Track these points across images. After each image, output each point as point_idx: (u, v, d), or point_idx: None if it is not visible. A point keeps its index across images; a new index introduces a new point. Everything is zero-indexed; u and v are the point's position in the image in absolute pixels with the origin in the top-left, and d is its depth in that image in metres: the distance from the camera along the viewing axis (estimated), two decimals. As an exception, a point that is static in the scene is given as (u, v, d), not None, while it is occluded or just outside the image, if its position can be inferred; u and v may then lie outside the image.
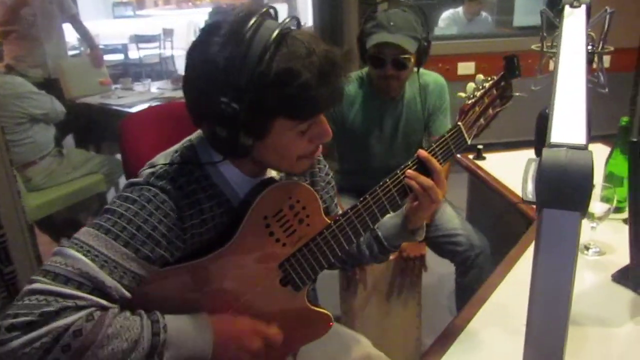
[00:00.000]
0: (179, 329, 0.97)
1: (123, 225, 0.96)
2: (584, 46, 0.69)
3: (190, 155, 1.08)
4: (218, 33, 0.95)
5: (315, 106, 0.99)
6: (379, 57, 1.93)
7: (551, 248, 0.48)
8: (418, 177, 1.15)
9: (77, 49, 6.52)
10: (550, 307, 0.49)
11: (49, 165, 3.21)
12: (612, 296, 1.32)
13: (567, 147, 0.48)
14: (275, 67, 0.92)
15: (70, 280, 0.89)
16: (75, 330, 0.86)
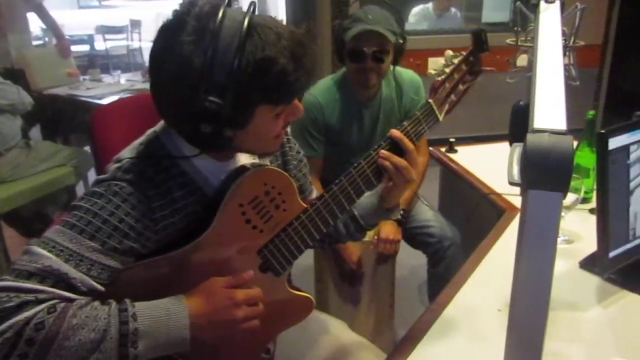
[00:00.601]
0: (152, 316, 0.95)
1: (88, 220, 0.96)
2: (559, 39, 0.72)
3: (157, 146, 1.07)
4: (185, 31, 0.94)
5: (294, 89, 1.00)
6: (359, 50, 1.95)
7: (536, 226, 0.51)
8: (391, 157, 1.17)
9: (42, 39, 6.38)
10: (535, 283, 0.52)
11: (15, 157, 3.13)
12: (580, 282, 1.38)
13: (549, 133, 0.51)
14: (252, 57, 0.93)
15: (33, 275, 0.89)
16: (37, 323, 0.86)
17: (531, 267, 0.52)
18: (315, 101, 2.11)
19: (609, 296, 1.31)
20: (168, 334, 0.96)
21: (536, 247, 0.52)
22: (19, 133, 3.20)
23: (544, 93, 0.60)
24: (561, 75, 0.63)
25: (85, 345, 0.88)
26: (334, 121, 2.13)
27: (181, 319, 0.97)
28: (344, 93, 2.13)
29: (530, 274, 0.52)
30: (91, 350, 0.89)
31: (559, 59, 0.67)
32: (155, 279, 1.05)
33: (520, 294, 0.53)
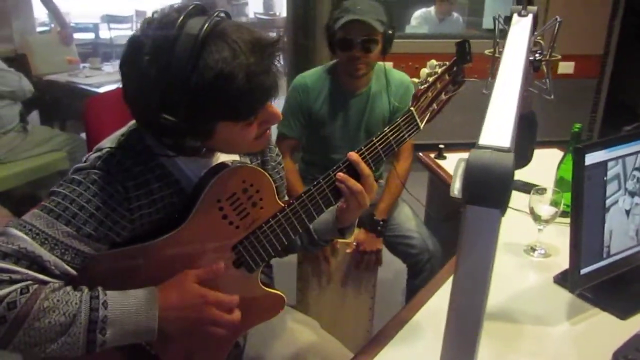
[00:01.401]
0: (122, 305, 0.97)
1: (66, 206, 0.98)
2: (524, 54, 0.73)
3: (137, 139, 1.08)
4: (144, 47, 0.95)
5: (252, 106, 1.00)
6: (347, 39, 1.98)
7: (473, 242, 0.52)
8: (347, 180, 1.16)
9: (47, 26, 6.39)
10: (469, 296, 0.53)
11: (12, 140, 3.18)
12: (552, 297, 1.38)
13: (492, 150, 0.52)
14: (204, 75, 0.92)
15: (8, 256, 0.92)
16: (9, 302, 0.89)
17: (466, 284, 0.53)
18: (303, 83, 2.17)
19: (579, 313, 1.31)
20: (136, 323, 0.98)
21: (472, 263, 0.52)
22: (17, 117, 3.25)
23: (495, 109, 0.61)
24: (517, 91, 0.64)
25: (55, 328, 0.91)
26: (318, 107, 2.16)
27: (150, 311, 0.99)
28: (333, 82, 2.16)
29: (464, 291, 0.53)
30: (60, 333, 0.92)
31: (519, 75, 0.67)
32: (128, 267, 1.07)
33: (455, 311, 0.54)
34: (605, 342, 1.18)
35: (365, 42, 1.98)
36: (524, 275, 1.50)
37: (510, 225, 1.73)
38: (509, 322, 1.29)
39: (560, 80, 4.20)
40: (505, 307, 1.34)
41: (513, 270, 1.51)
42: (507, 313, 1.31)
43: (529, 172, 1.94)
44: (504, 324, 1.28)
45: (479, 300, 0.52)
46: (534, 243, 1.59)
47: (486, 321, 1.25)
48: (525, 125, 1.06)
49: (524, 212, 1.62)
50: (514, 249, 1.60)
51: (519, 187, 1.97)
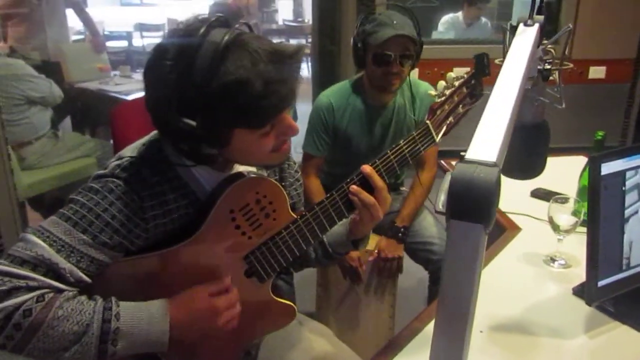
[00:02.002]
0: (134, 318, 0.99)
1: (83, 214, 1.00)
2: (524, 66, 0.72)
3: (156, 149, 1.11)
4: (167, 53, 0.98)
5: (267, 113, 1.01)
6: (387, 54, 1.95)
7: (456, 257, 0.52)
8: (360, 193, 1.16)
9: (82, 34, 6.55)
10: (454, 308, 0.53)
11: (43, 146, 3.27)
12: (570, 309, 1.35)
13: (477, 164, 0.52)
14: (222, 80, 0.94)
15: (26, 262, 0.94)
16: (25, 310, 0.91)
17: (450, 299, 0.52)
18: (327, 102, 2.14)
19: (598, 326, 1.28)
20: (147, 336, 1.00)
21: (456, 276, 0.52)
22: (49, 123, 3.34)
23: (486, 122, 0.60)
24: (512, 104, 0.63)
25: (68, 337, 0.93)
26: (344, 125, 2.15)
27: (162, 324, 1.01)
28: (358, 98, 2.15)
29: (450, 306, 0.53)
30: (72, 342, 0.94)
31: (515, 87, 0.66)
32: (141, 275, 1.09)
33: (441, 324, 0.53)
34: (624, 356, 1.16)
35: (403, 57, 1.96)
36: (542, 286, 1.47)
37: (531, 235, 1.71)
38: (525, 334, 1.26)
39: (591, 85, 4.12)
40: (522, 319, 1.31)
41: (532, 281, 1.48)
42: (523, 324, 1.29)
43: (554, 180, 1.92)
44: (520, 336, 1.26)
45: (464, 314, 0.52)
46: (554, 253, 1.55)
47: (502, 332, 1.25)
48: (537, 135, 1.05)
49: (545, 222, 1.59)
50: (533, 259, 1.57)
51: (541, 196, 1.94)
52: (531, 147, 1.04)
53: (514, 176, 1.08)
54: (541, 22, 0.89)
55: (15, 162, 2.83)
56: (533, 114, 1.03)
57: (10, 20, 3.97)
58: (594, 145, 1.72)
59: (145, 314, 1.01)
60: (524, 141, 1.04)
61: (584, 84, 4.08)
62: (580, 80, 4.06)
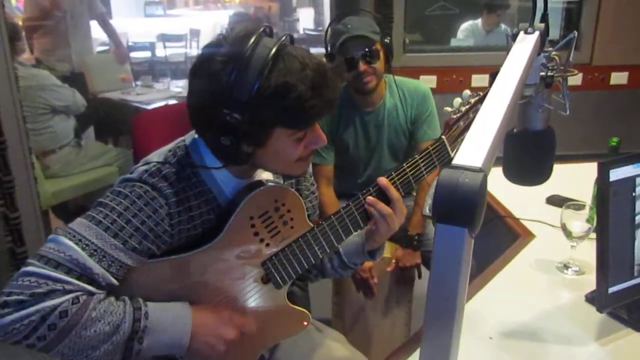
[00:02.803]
0: (160, 317, 1.04)
1: (114, 218, 1.03)
2: (519, 73, 0.73)
3: (183, 155, 1.14)
4: (220, 52, 1.03)
5: (310, 116, 1.06)
6: (349, 57, 2.00)
7: (442, 259, 0.53)
8: (377, 204, 1.20)
9: (107, 45, 6.68)
10: (441, 311, 0.54)
11: (67, 154, 3.35)
12: (583, 316, 1.34)
13: (463, 169, 0.53)
14: (273, 81, 1.00)
15: (61, 266, 0.97)
16: (62, 311, 0.94)
17: (437, 302, 0.54)
18: None
19: (610, 333, 1.27)
20: (171, 336, 1.04)
21: (441, 278, 0.53)
22: (72, 133, 3.42)
23: (478, 129, 0.61)
24: (503, 111, 0.64)
25: (99, 337, 0.97)
26: (339, 132, 2.20)
27: (185, 325, 1.06)
28: (347, 105, 2.18)
29: (436, 308, 0.54)
30: (103, 341, 0.98)
31: (509, 95, 0.67)
32: (163, 278, 1.12)
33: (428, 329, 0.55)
34: (634, 363, 1.15)
35: (366, 54, 1.99)
36: (555, 293, 1.46)
37: (546, 242, 1.70)
38: (536, 341, 1.26)
39: (613, 91, 4.06)
40: (534, 325, 1.31)
41: (544, 288, 1.48)
42: (534, 331, 1.29)
43: (571, 187, 1.91)
44: (530, 343, 1.26)
45: (451, 316, 0.53)
46: (567, 260, 1.55)
47: (512, 339, 1.25)
48: (541, 141, 1.05)
49: (560, 228, 1.58)
50: (546, 266, 1.56)
51: (556, 203, 1.93)
52: (536, 153, 1.05)
53: (519, 182, 1.09)
54: (542, 30, 0.90)
55: (39, 171, 2.91)
56: (537, 120, 1.03)
57: (35, 33, 4.08)
58: (608, 151, 1.71)
59: (170, 314, 1.06)
60: (529, 148, 1.05)
61: (605, 90, 4.03)
62: (602, 87, 4.00)
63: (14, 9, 6.66)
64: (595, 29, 3.64)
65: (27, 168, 2.62)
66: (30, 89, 3.08)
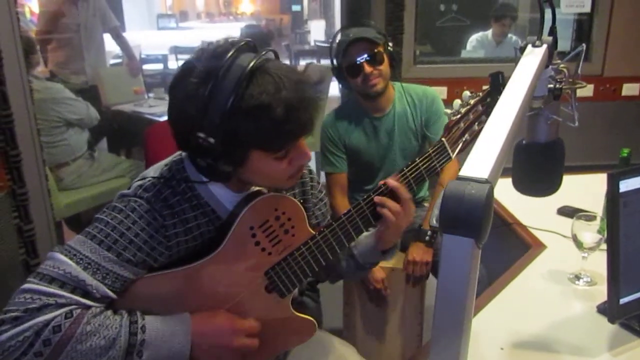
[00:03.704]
0: (158, 330, 1.04)
1: (107, 232, 1.05)
2: (527, 85, 0.74)
3: (178, 169, 1.15)
4: (194, 71, 1.02)
5: (285, 138, 1.05)
6: (353, 62, 2.03)
7: (449, 268, 0.54)
8: (386, 202, 1.20)
9: (120, 58, 6.76)
10: (448, 320, 0.54)
11: (80, 167, 3.37)
12: (594, 326, 1.33)
13: (470, 181, 0.54)
14: (246, 103, 0.99)
15: (55, 280, 0.99)
16: (55, 326, 0.95)
17: (445, 312, 0.54)
18: (329, 120, 2.24)
19: (622, 344, 1.26)
20: (170, 348, 1.04)
21: (449, 290, 0.54)
22: (85, 145, 3.45)
23: (485, 141, 0.62)
24: (510, 123, 0.65)
25: (95, 351, 0.97)
26: (350, 139, 2.22)
27: (184, 336, 1.06)
28: (357, 113, 2.21)
29: (444, 318, 0.55)
30: (99, 355, 0.97)
31: (516, 107, 0.68)
32: (163, 290, 1.12)
33: (437, 338, 0.55)
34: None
35: (370, 56, 2.01)
36: (566, 303, 1.46)
37: (557, 252, 1.69)
38: (547, 352, 1.25)
39: (625, 102, 4.04)
40: (545, 336, 1.30)
41: (555, 299, 1.47)
42: (546, 342, 1.28)
43: (582, 198, 1.91)
44: (542, 354, 1.25)
45: (458, 326, 0.53)
46: (578, 271, 1.54)
47: (523, 349, 1.25)
48: (550, 153, 1.05)
49: (570, 239, 1.57)
50: (558, 277, 1.56)
51: (568, 213, 1.92)
52: (545, 164, 1.05)
53: (528, 193, 1.09)
54: (550, 43, 0.90)
55: (52, 183, 2.93)
56: (546, 132, 1.03)
57: (50, 45, 4.14)
58: (619, 162, 1.70)
59: (169, 327, 1.05)
60: (538, 159, 1.06)
61: (617, 102, 4.02)
62: (613, 98, 3.99)
63: (29, 23, 6.78)
64: (607, 41, 3.63)
65: (41, 180, 2.65)
66: (44, 102, 3.11)
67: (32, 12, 7.88)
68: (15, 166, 2.44)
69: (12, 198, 2.47)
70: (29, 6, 7.86)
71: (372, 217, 1.22)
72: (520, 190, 1.11)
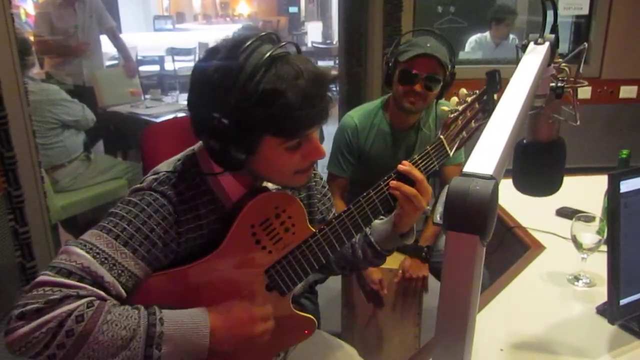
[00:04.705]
0: (176, 322, 1.02)
1: (123, 227, 1.03)
2: (529, 84, 0.73)
3: (192, 163, 1.15)
4: (216, 55, 1.04)
5: (298, 125, 1.05)
6: (412, 72, 1.95)
7: (453, 266, 0.53)
8: (401, 186, 1.20)
9: (116, 59, 6.75)
10: (452, 318, 0.54)
11: (76, 168, 3.35)
12: (593, 328, 1.33)
13: (474, 177, 0.53)
14: (262, 87, 1.00)
15: (73, 274, 0.97)
16: (78, 315, 0.93)
17: (449, 310, 0.53)
18: (352, 123, 2.16)
19: (622, 345, 1.25)
20: (189, 341, 1.02)
21: (454, 288, 0.53)
22: (81, 147, 3.43)
23: (489, 137, 0.61)
24: (514, 120, 0.64)
25: (117, 342, 0.95)
26: (368, 146, 2.17)
27: (202, 329, 1.04)
28: (384, 119, 2.16)
29: (448, 316, 0.54)
30: (121, 347, 0.96)
31: (519, 104, 0.67)
32: (167, 291, 1.11)
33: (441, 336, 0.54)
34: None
35: (429, 78, 1.94)
36: (566, 305, 1.45)
37: (556, 254, 1.68)
38: (546, 353, 1.25)
39: (622, 105, 4.05)
40: (544, 337, 1.30)
41: (554, 300, 1.46)
42: (545, 343, 1.28)
43: (581, 199, 1.90)
44: (541, 355, 1.24)
45: (463, 324, 0.53)
46: (578, 272, 1.53)
47: (523, 351, 1.24)
48: (551, 152, 1.05)
49: (570, 240, 1.57)
50: (557, 278, 1.55)
51: (567, 215, 1.92)
52: (545, 164, 1.04)
53: (529, 193, 1.08)
54: (552, 41, 0.90)
55: (48, 185, 2.92)
56: (547, 131, 1.03)
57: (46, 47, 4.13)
58: (618, 164, 1.70)
59: (187, 319, 1.04)
60: (539, 158, 1.05)
61: (615, 104, 4.03)
62: (611, 100, 4.00)
63: (24, 24, 6.76)
64: (605, 43, 3.64)
65: (36, 182, 2.64)
66: (40, 104, 3.10)
67: (27, 14, 7.86)
68: (10, 168, 2.43)
69: (8, 200, 2.46)
70: (24, 8, 7.84)
71: (382, 206, 1.22)
72: (521, 190, 1.10)
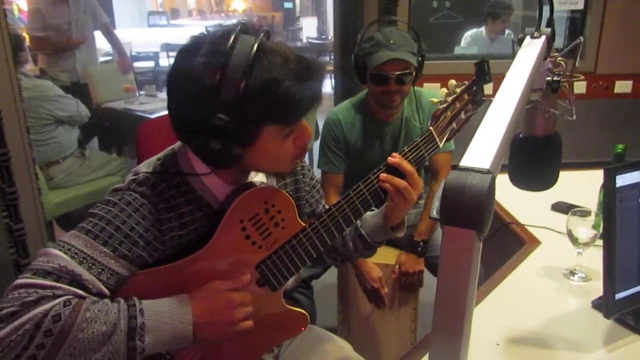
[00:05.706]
0: (157, 312, 1.01)
1: (102, 226, 1.02)
2: (526, 77, 0.73)
3: (172, 163, 1.13)
4: (199, 53, 1.01)
5: (298, 109, 1.05)
6: (383, 75, 1.98)
7: (450, 261, 0.52)
8: (391, 179, 1.19)
9: (111, 55, 6.73)
10: (450, 312, 0.53)
11: (70, 165, 3.34)
12: (589, 322, 1.33)
13: (471, 171, 0.52)
14: (258, 78, 0.99)
15: (50, 274, 0.96)
16: (54, 315, 0.92)
17: (446, 304, 0.53)
18: (335, 118, 2.18)
19: (617, 339, 1.26)
20: (172, 330, 1.01)
21: (451, 282, 0.53)
22: (76, 143, 3.42)
23: (485, 131, 0.61)
24: (510, 114, 0.64)
25: (97, 338, 0.94)
26: (354, 139, 2.18)
27: (185, 316, 1.03)
28: (364, 113, 2.18)
29: (445, 310, 0.53)
30: (102, 343, 0.95)
31: (515, 98, 0.67)
32: (156, 286, 1.10)
33: (438, 331, 0.54)
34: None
35: (400, 76, 1.97)
36: (561, 299, 1.45)
37: (552, 248, 1.69)
38: (542, 347, 1.25)
39: (618, 100, 4.06)
40: (540, 332, 1.30)
41: (550, 294, 1.46)
42: (541, 338, 1.28)
43: (576, 194, 1.91)
44: (537, 349, 1.25)
45: (460, 318, 0.52)
46: (573, 267, 1.54)
47: (519, 345, 1.24)
48: (547, 146, 1.04)
49: (565, 235, 1.57)
50: (553, 273, 1.55)
51: (562, 209, 1.92)
52: (542, 158, 1.04)
53: (525, 187, 1.08)
54: (548, 35, 0.89)
55: (43, 182, 2.90)
56: (544, 125, 1.03)
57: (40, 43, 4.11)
58: (614, 158, 1.70)
59: (167, 308, 1.02)
60: (535, 152, 1.05)
61: (610, 99, 4.03)
62: (606, 95, 4.00)
63: (17, 20, 6.71)
64: (600, 38, 3.64)
65: (30, 179, 2.62)
66: (33, 100, 3.09)
67: (20, 10, 7.81)
68: (4, 165, 2.41)
69: (2, 197, 2.44)
70: (17, 4, 7.79)
71: (372, 199, 1.21)
72: (517, 184, 1.10)
